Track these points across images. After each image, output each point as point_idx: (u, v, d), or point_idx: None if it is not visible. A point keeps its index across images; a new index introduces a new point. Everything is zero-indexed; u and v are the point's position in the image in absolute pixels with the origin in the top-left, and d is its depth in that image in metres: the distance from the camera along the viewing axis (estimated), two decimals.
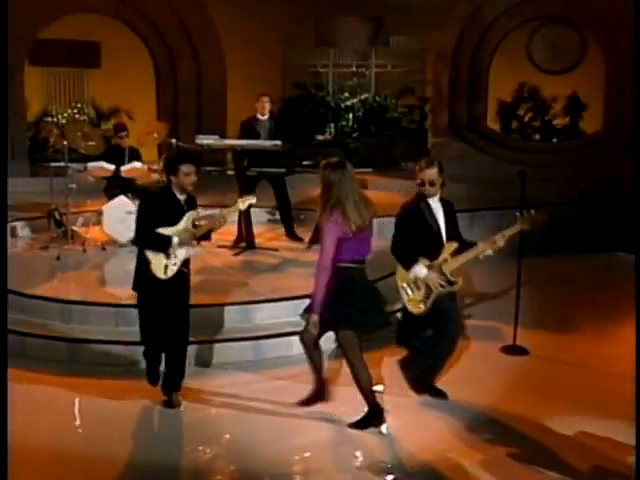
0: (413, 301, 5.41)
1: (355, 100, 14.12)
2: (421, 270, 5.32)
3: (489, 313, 7.58)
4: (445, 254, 5.37)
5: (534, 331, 7.03)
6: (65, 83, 14.12)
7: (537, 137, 13.49)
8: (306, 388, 5.52)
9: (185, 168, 5.27)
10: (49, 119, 13.35)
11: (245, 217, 8.59)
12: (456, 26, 12.32)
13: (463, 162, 12.06)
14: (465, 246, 5.44)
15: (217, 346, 6.36)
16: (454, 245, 5.38)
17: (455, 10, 12.28)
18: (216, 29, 13.10)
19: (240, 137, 8.71)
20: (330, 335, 5.24)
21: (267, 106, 8.78)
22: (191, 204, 5.45)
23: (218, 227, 5.53)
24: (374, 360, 5.94)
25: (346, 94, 14.18)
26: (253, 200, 5.77)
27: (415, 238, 5.33)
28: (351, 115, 13.98)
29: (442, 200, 5.48)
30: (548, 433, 5.13)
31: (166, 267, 5.29)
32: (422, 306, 5.37)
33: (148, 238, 5.30)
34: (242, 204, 5.71)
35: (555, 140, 13.34)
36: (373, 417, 5.12)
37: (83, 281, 7.49)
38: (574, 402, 5.66)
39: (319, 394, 5.41)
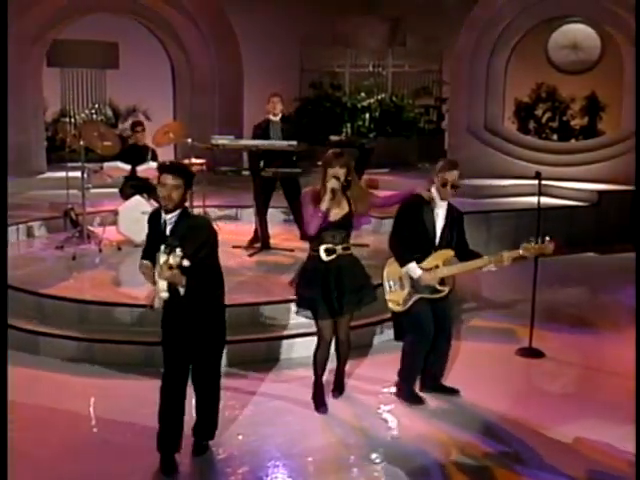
0: (393, 299, 5.41)
1: (372, 100, 14.10)
2: (415, 270, 5.31)
3: (505, 315, 7.53)
4: (438, 260, 5.33)
5: (550, 333, 6.98)
6: (83, 83, 14.19)
7: (555, 137, 13.39)
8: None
9: (161, 177, 4.46)
10: (66, 120, 13.42)
11: (260, 217, 8.60)
12: (473, 26, 12.25)
13: (480, 162, 12.00)
14: (468, 257, 5.39)
15: (231, 346, 6.34)
16: (449, 253, 5.36)
17: (473, 10, 12.21)
18: (233, 29, 13.10)
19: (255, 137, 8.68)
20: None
21: (279, 106, 8.74)
22: (173, 230, 4.46)
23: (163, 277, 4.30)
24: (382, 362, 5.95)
25: (363, 94, 14.16)
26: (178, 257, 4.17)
27: (411, 235, 5.34)
28: (367, 115, 13.96)
29: (451, 207, 5.44)
30: (564, 436, 5.08)
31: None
32: (401, 305, 5.38)
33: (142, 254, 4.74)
34: (173, 259, 4.16)
35: (573, 140, 13.23)
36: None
37: (99, 281, 7.51)
38: (590, 405, 5.61)
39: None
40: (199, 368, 4.71)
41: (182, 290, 4.41)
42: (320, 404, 5.45)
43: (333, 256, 5.20)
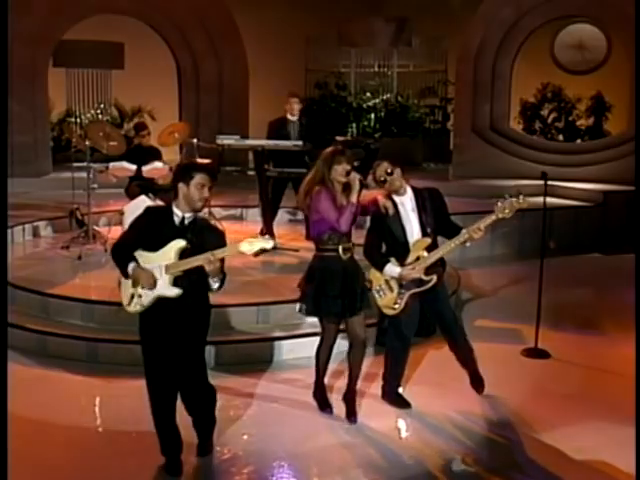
0: (387, 304, 5.34)
1: (377, 100, 14.11)
2: (393, 269, 5.26)
3: (510, 315, 7.51)
4: (417, 251, 5.27)
5: (556, 334, 6.96)
6: (88, 84, 14.23)
7: (560, 138, 13.37)
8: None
9: (200, 178, 4.37)
10: (72, 120, 13.45)
11: (266, 217, 8.61)
12: (479, 26, 12.25)
13: (485, 163, 11.99)
14: (454, 233, 5.31)
15: (235, 346, 6.36)
16: (427, 241, 5.28)
17: (478, 10, 12.20)
18: (238, 30, 13.12)
19: (269, 137, 8.68)
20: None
21: (296, 107, 8.76)
22: (192, 229, 4.43)
23: (210, 269, 4.30)
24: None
25: (368, 94, 14.18)
26: (268, 245, 4.30)
27: (383, 240, 5.35)
28: (373, 115, 13.97)
29: (418, 192, 5.38)
30: (569, 438, 5.06)
31: (132, 297, 4.49)
32: (396, 307, 5.31)
33: (118, 252, 4.55)
34: (248, 245, 4.26)
35: (579, 141, 13.21)
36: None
37: (104, 281, 7.49)
38: (596, 406, 5.60)
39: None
40: (191, 369, 4.58)
41: (217, 284, 4.41)
42: (324, 405, 5.43)
43: (349, 254, 5.16)
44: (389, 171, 5.25)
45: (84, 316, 6.73)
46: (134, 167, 8.80)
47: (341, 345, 5.65)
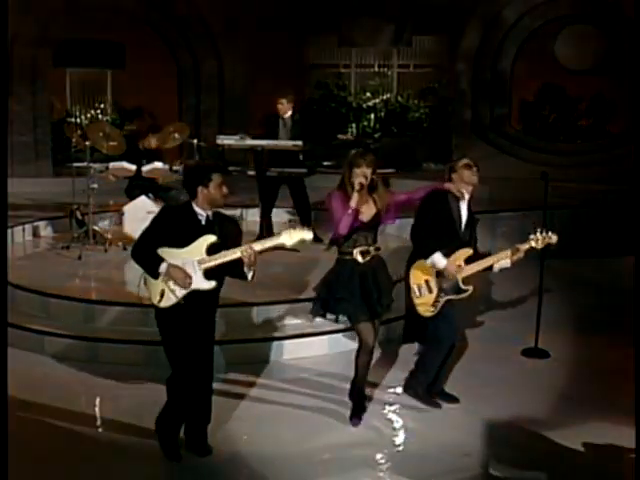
0: (424, 303, 5.29)
1: (377, 100, 14.10)
2: (440, 259, 5.20)
3: (511, 316, 7.53)
4: (459, 260, 5.25)
5: (556, 334, 6.96)
6: (89, 84, 14.21)
7: (561, 138, 13.35)
8: (324, 389, 5.53)
9: (217, 178, 4.54)
10: (72, 120, 13.44)
11: (266, 217, 8.61)
12: (479, 26, 12.25)
13: (486, 163, 11.95)
14: (478, 257, 5.33)
15: (235, 346, 6.36)
16: (469, 252, 5.27)
17: (478, 10, 12.20)
18: (238, 30, 13.11)
19: (261, 128, 8.72)
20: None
21: (281, 107, 8.73)
22: (216, 224, 4.62)
23: (247, 259, 4.48)
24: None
25: (368, 94, 14.16)
26: (308, 236, 4.61)
27: (437, 226, 5.23)
28: (373, 115, 13.96)
29: (470, 207, 5.42)
30: (569, 438, 5.06)
31: (162, 292, 4.52)
32: (432, 309, 5.27)
33: (142, 253, 4.60)
34: (288, 237, 4.59)
35: (579, 141, 13.19)
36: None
37: (104, 281, 7.52)
38: (596, 406, 5.60)
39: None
40: (211, 362, 4.75)
41: (250, 273, 4.57)
42: (356, 411, 5.28)
43: (368, 257, 5.10)
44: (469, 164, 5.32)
45: (84, 316, 6.73)
46: (134, 167, 8.81)
47: (348, 344, 5.64)
